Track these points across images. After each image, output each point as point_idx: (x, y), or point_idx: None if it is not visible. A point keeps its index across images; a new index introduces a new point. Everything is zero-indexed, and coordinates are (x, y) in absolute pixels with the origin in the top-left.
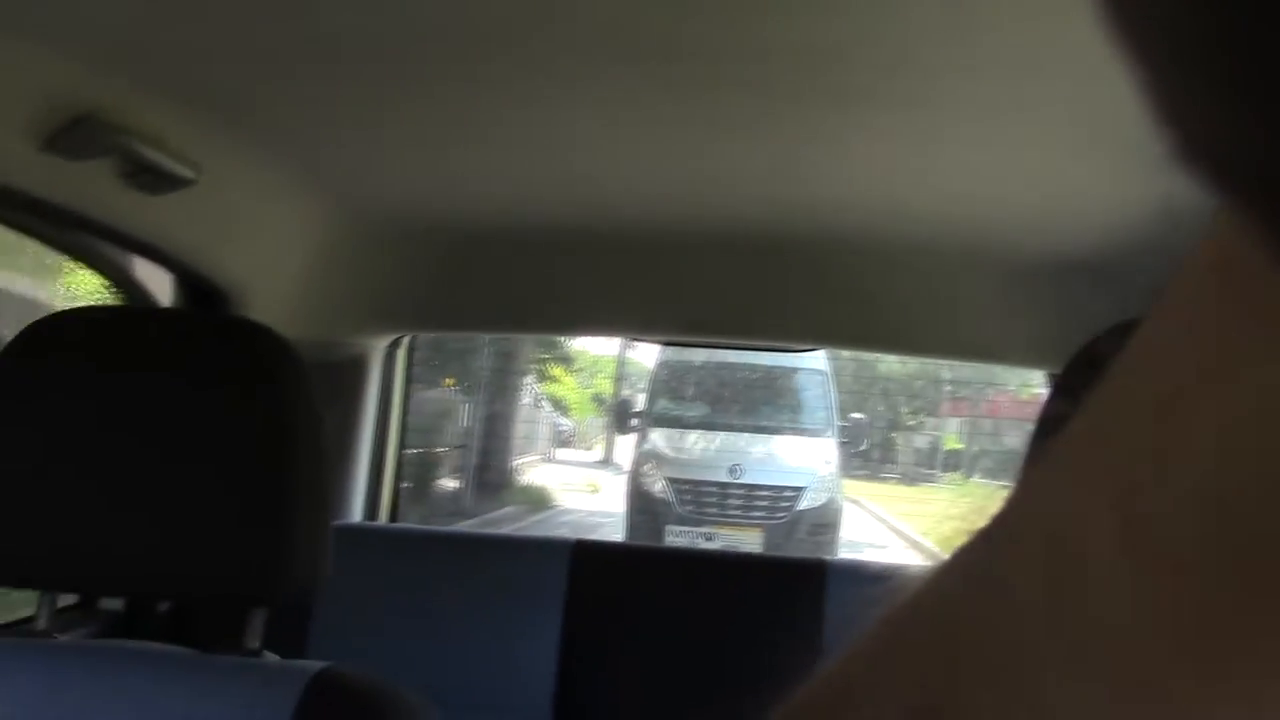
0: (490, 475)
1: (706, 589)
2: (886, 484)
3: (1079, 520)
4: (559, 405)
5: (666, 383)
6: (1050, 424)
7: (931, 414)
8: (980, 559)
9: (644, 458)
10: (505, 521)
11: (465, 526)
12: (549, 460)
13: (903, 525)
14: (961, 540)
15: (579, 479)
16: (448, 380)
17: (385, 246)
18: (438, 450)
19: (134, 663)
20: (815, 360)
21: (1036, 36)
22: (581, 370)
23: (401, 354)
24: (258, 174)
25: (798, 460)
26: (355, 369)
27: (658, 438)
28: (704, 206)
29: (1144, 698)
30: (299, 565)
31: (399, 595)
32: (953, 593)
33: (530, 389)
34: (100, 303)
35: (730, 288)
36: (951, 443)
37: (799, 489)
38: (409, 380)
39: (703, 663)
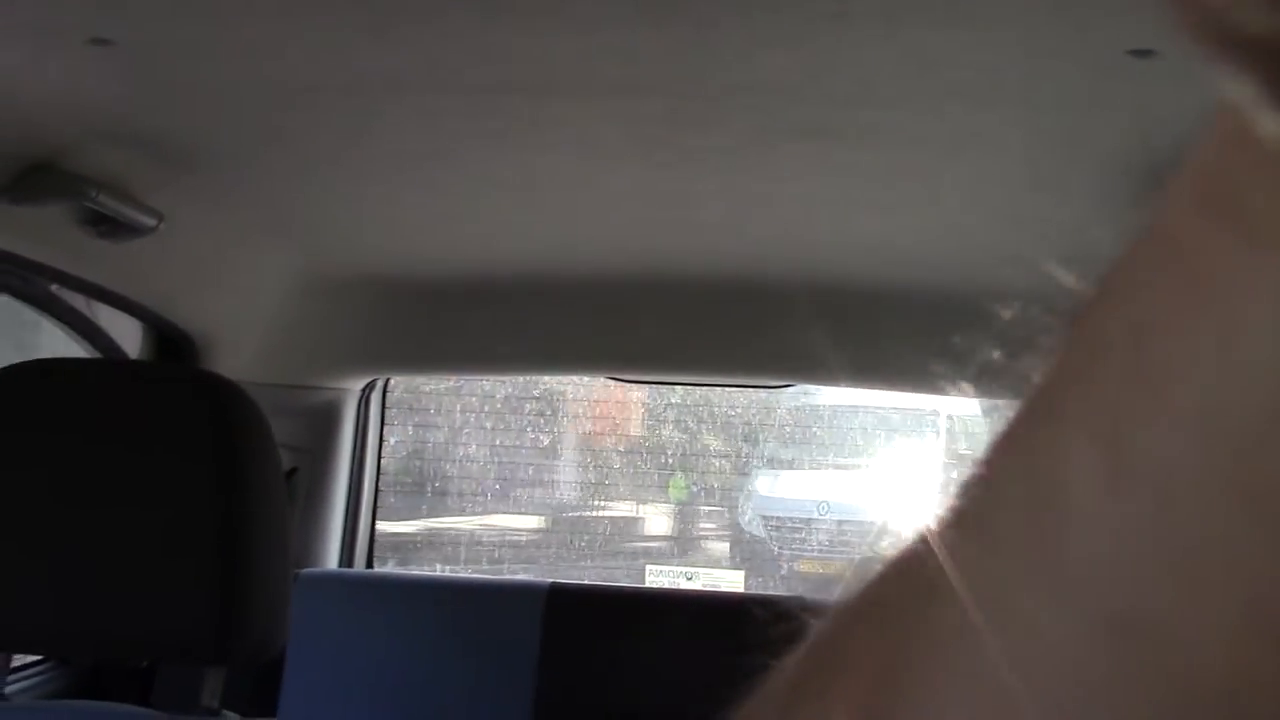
0: None
1: (685, 632)
2: None
3: (1061, 459)
4: None
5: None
6: None
7: None
8: (937, 538)
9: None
10: None
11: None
12: None
13: None
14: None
15: None
16: None
17: (355, 291)
18: None
19: None
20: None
21: (993, 69)
22: None
23: (376, 396)
24: (223, 222)
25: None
26: (330, 413)
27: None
28: (668, 244)
29: (1134, 634)
30: (255, 624)
31: (370, 645)
32: (908, 572)
33: None
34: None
35: (700, 326)
36: None
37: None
38: (384, 422)
39: (683, 711)
